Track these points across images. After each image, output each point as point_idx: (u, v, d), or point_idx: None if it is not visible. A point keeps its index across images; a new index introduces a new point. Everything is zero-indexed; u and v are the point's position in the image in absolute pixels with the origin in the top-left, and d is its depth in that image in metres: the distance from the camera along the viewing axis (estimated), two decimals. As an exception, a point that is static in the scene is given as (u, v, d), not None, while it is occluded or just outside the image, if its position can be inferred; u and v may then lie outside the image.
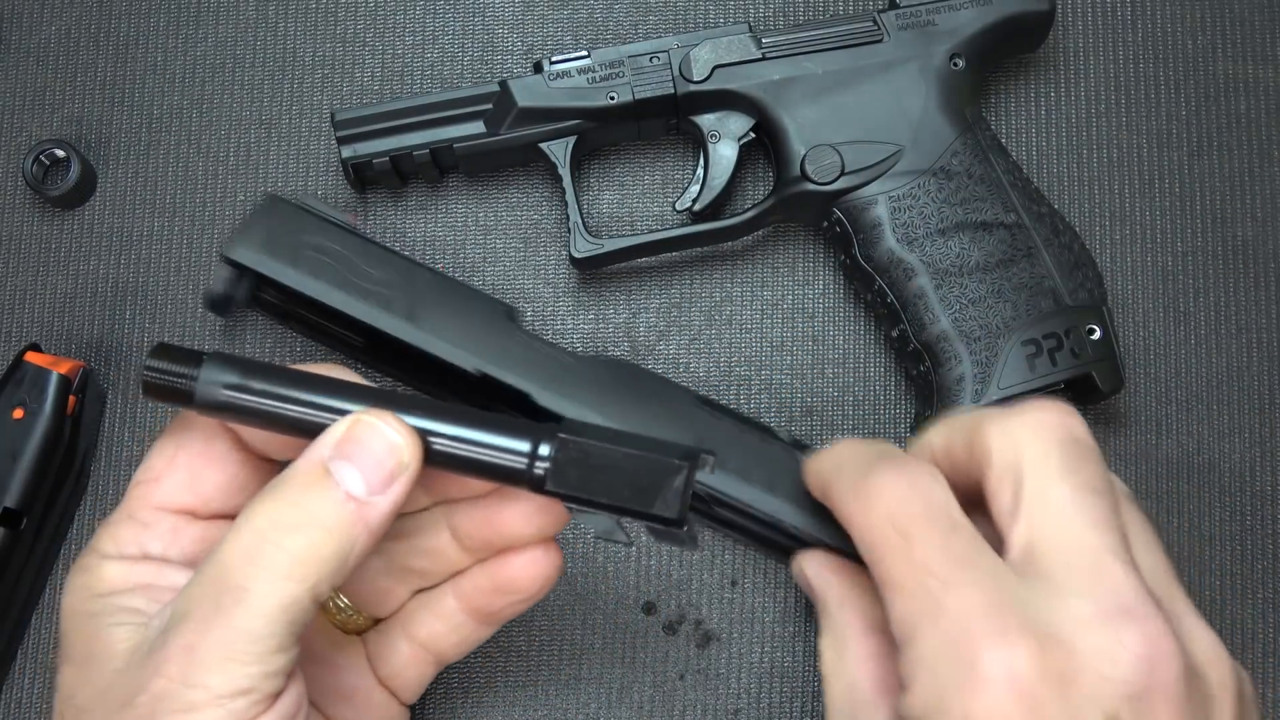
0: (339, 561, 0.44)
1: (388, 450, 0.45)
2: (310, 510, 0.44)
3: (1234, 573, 0.62)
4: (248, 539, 0.44)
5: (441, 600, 0.52)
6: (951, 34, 0.61)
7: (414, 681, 0.54)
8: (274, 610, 0.43)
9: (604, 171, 0.65)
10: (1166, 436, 0.63)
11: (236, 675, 0.42)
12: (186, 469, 0.48)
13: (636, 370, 0.59)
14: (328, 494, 0.44)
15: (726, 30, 0.61)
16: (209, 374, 0.46)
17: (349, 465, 0.45)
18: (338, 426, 0.45)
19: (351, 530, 0.44)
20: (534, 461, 0.45)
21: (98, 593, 0.46)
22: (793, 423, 0.63)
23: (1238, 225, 0.65)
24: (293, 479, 0.45)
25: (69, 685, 0.45)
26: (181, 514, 0.48)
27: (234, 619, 0.42)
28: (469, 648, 0.53)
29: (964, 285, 0.59)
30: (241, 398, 0.46)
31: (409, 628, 0.53)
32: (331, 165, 0.65)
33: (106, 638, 0.45)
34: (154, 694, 0.42)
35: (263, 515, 0.44)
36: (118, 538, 0.47)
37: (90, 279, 0.65)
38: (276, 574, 0.43)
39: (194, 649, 0.42)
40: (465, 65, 0.66)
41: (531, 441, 0.45)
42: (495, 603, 0.51)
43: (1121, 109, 0.66)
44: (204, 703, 0.42)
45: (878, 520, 0.44)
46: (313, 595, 0.43)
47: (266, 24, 0.66)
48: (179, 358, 0.47)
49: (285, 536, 0.43)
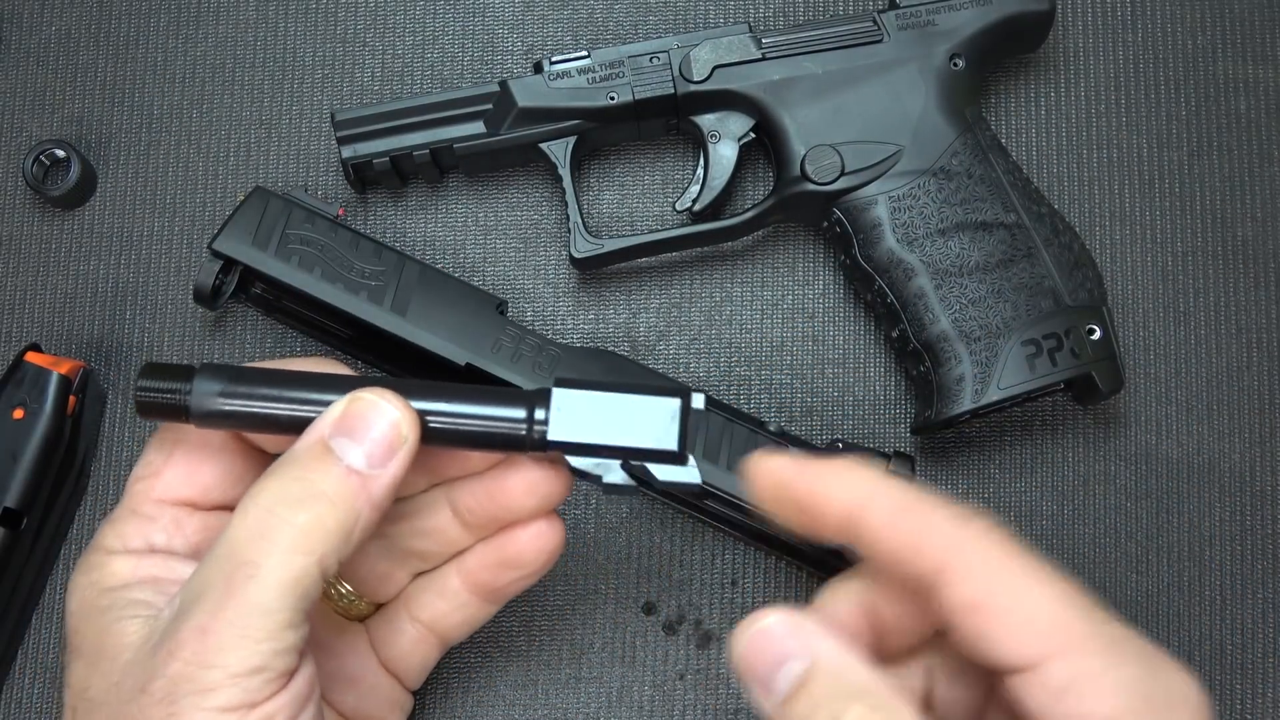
0: (344, 534, 0.44)
1: (387, 424, 0.46)
2: (314, 485, 0.44)
3: (1234, 573, 0.62)
4: (254, 516, 0.44)
5: (445, 580, 0.53)
6: (951, 34, 0.61)
7: (418, 665, 0.54)
8: (285, 584, 0.43)
9: (604, 171, 0.65)
10: (1166, 436, 0.63)
11: (250, 653, 0.42)
12: (185, 462, 0.49)
13: (624, 362, 0.59)
14: (330, 469, 0.45)
15: (726, 30, 0.61)
16: (202, 386, 0.46)
17: (349, 441, 0.45)
18: (336, 405, 0.46)
19: (355, 502, 0.45)
20: (532, 425, 0.46)
21: (106, 587, 0.47)
22: (793, 423, 0.63)
23: (1238, 225, 0.65)
24: (295, 458, 0.46)
25: (80, 680, 0.46)
26: (182, 505, 0.49)
27: (246, 595, 0.43)
28: (473, 628, 0.54)
29: (964, 285, 0.59)
30: (237, 405, 0.46)
31: (413, 609, 0.53)
32: (332, 165, 0.65)
33: (118, 630, 0.45)
34: (170, 677, 0.43)
35: (267, 493, 0.45)
36: (122, 533, 0.48)
37: (90, 279, 0.65)
38: (284, 548, 0.43)
39: (208, 630, 0.43)
40: (465, 65, 0.66)
41: (527, 406, 0.46)
42: (500, 578, 0.52)
43: (1121, 109, 0.66)
44: (220, 682, 0.42)
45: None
46: (320, 568, 0.44)
47: (267, 24, 0.66)
48: (170, 374, 0.47)
49: (291, 511, 0.44)
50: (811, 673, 0.41)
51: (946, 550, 0.42)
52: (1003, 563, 0.42)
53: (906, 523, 0.43)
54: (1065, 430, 0.63)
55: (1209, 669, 0.61)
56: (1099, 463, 0.63)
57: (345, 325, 0.60)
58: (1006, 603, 0.41)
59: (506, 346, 0.58)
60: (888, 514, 0.43)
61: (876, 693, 0.41)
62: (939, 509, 0.43)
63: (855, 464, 0.44)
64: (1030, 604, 0.41)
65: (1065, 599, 0.41)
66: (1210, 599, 0.62)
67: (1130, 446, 0.63)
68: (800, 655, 0.42)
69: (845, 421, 0.63)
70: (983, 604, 0.41)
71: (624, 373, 0.59)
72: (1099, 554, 0.62)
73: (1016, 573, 0.42)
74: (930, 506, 0.43)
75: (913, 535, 0.42)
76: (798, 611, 0.43)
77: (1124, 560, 0.62)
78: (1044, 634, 0.41)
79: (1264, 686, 0.61)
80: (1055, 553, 0.62)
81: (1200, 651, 0.62)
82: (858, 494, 0.43)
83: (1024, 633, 0.41)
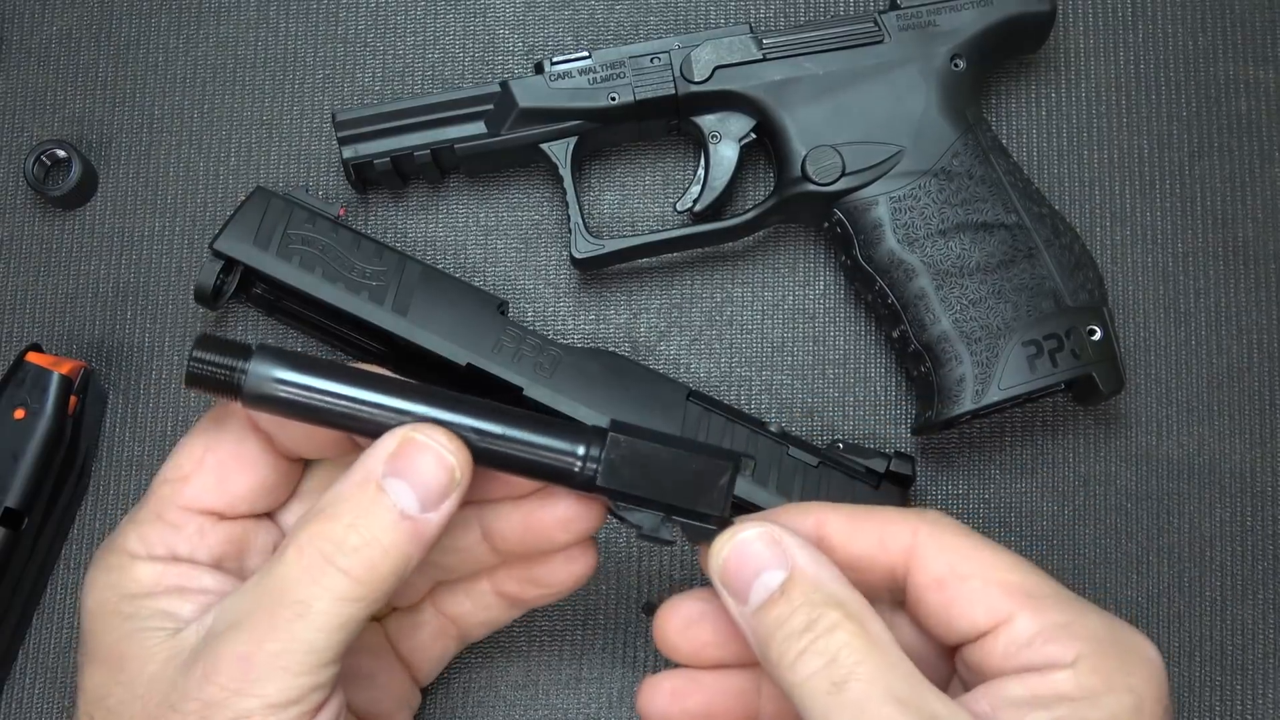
0: (395, 580, 0.45)
1: (440, 467, 0.45)
2: (367, 531, 0.44)
3: (1234, 573, 0.62)
4: (309, 557, 0.44)
5: (474, 581, 0.53)
6: (952, 35, 0.61)
7: (435, 658, 0.55)
8: (332, 627, 0.43)
9: (605, 172, 0.65)
10: (1167, 437, 0.63)
11: (289, 686, 0.43)
12: (216, 471, 0.48)
13: (626, 363, 0.59)
14: (383, 513, 0.45)
15: (728, 31, 0.61)
16: (259, 367, 0.45)
17: (402, 483, 0.45)
18: (389, 441, 0.45)
19: (407, 549, 0.45)
20: (586, 462, 0.46)
21: (130, 594, 0.46)
22: (794, 423, 0.63)
23: (1238, 226, 0.65)
24: (348, 497, 0.45)
25: (98, 687, 0.46)
26: (208, 515, 0.48)
27: (293, 631, 0.43)
28: (494, 628, 0.55)
29: (965, 286, 0.59)
30: (290, 392, 0.45)
31: (438, 602, 0.54)
32: (333, 166, 0.65)
33: (141, 641, 0.45)
34: (205, 700, 0.43)
35: (322, 536, 0.44)
36: (145, 538, 0.48)
37: (91, 279, 0.65)
38: (337, 595, 0.44)
39: (250, 658, 0.43)
40: (466, 66, 0.66)
41: (585, 443, 0.46)
42: (528, 592, 0.52)
43: (1122, 110, 0.66)
44: (255, 710, 0.43)
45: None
46: (368, 613, 0.44)
47: (268, 24, 0.67)
48: (228, 349, 0.46)
49: (346, 559, 0.44)
50: (790, 581, 0.44)
51: (908, 538, 0.45)
52: (961, 540, 0.45)
53: (865, 525, 0.46)
54: (1065, 431, 0.63)
55: (1209, 669, 0.61)
56: (1099, 463, 0.63)
57: (346, 325, 0.60)
58: (970, 570, 0.44)
59: (507, 347, 0.58)
60: (846, 524, 0.46)
61: (850, 602, 0.43)
62: (890, 510, 0.47)
63: (798, 504, 0.48)
64: (992, 570, 0.44)
65: (1023, 566, 0.45)
66: (1211, 599, 0.62)
67: (1131, 447, 0.63)
68: (779, 565, 0.44)
69: (846, 422, 0.63)
70: (947, 577, 0.44)
71: (625, 374, 0.59)
72: (1099, 554, 0.62)
73: (975, 547, 0.45)
74: (881, 510, 0.47)
75: (874, 534, 0.46)
76: (777, 524, 0.45)
77: (1124, 561, 0.62)
78: (1008, 594, 0.44)
79: (1264, 687, 0.61)
80: (1055, 553, 0.62)
81: (1201, 652, 0.62)
82: (814, 519, 0.46)
83: (990, 594, 0.44)
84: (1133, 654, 0.43)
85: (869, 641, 0.42)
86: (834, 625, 0.42)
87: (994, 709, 0.42)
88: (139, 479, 0.63)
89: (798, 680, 0.42)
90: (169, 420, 0.63)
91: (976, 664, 0.44)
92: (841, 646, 0.42)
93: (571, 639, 0.62)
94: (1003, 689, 0.43)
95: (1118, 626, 0.44)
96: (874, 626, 0.43)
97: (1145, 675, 0.43)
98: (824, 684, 0.41)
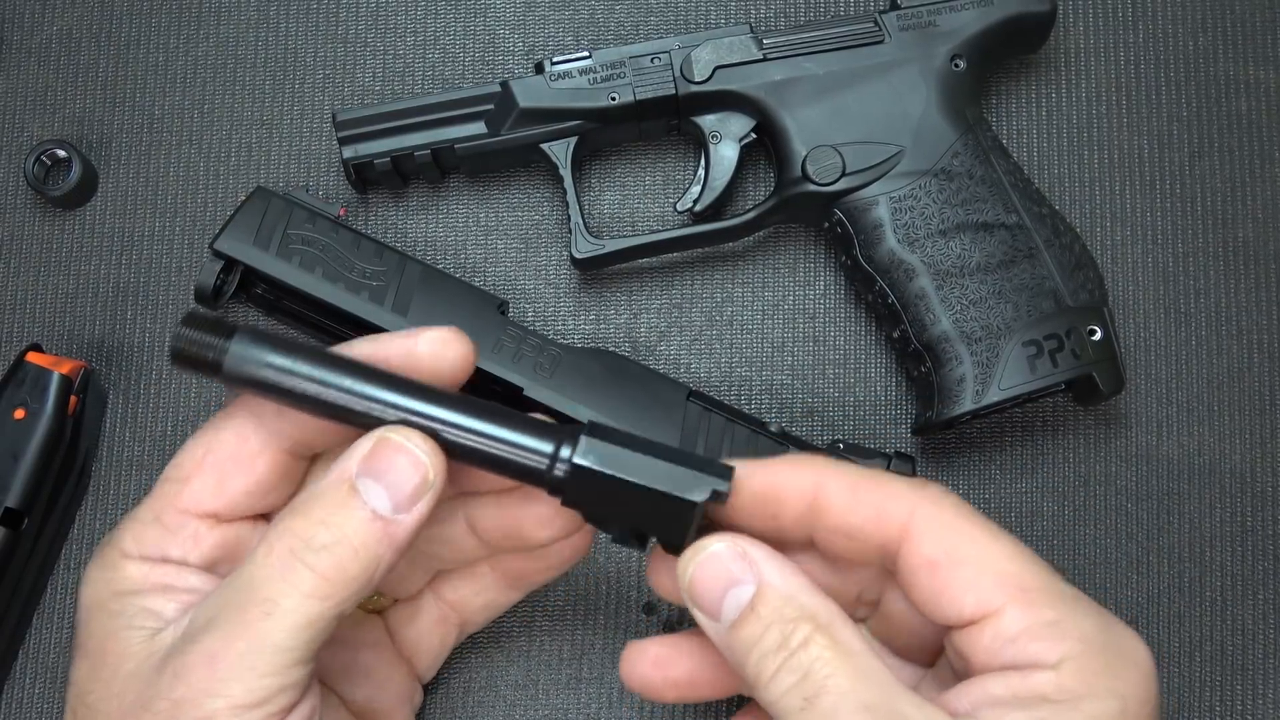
0: (365, 580, 0.45)
1: (413, 468, 0.45)
2: (338, 530, 0.44)
3: (1235, 573, 0.62)
4: (278, 555, 0.44)
5: (473, 563, 0.53)
6: (952, 35, 0.61)
7: (435, 649, 0.55)
8: (299, 625, 0.43)
9: (605, 172, 0.65)
10: (1167, 437, 0.63)
11: (255, 686, 0.43)
12: (215, 472, 0.48)
13: (626, 363, 0.59)
14: (355, 513, 0.45)
15: (728, 31, 0.61)
16: (240, 347, 0.46)
17: (375, 483, 0.45)
18: (364, 442, 0.45)
19: (377, 549, 0.45)
20: (554, 464, 0.45)
21: (119, 590, 0.46)
22: (794, 424, 0.63)
23: (1238, 226, 0.65)
24: (321, 495, 0.45)
25: (82, 682, 0.46)
26: (205, 518, 0.48)
27: (259, 630, 0.43)
28: (495, 613, 0.55)
29: (965, 286, 0.59)
30: (269, 374, 0.45)
31: (439, 589, 0.54)
32: (333, 166, 0.65)
33: (123, 638, 0.45)
34: (175, 700, 0.43)
35: (291, 533, 0.44)
36: (140, 538, 0.48)
37: (91, 279, 0.65)
38: (304, 592, 0.43)
39: (217, 657, 0.43)
40: (466, 66, 0.66)
41: (554, 443, 0.45)
42: (526, 569, 0.52)
43: (1122, 110, 0.66)
44: (221, 711, 0.42)
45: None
46: (337, 613, 0.44)
47: (268, 24, 0.67)
48: (211, 327, 0.46)
49: (315, 556, 0.44)
50: (759, 596, 0.43)
51: (907, 514, 0.44)
52: (960, 522, 0.44)
53: (865, 495, 0.45)
54: (1066, 431, 0.63)
55: (1210, 669, 0.61)
56: (1099, 463, 0.63)
57: (346, 325, 0.60)
58: (965, 556, 0.43)
59: (507, 347, 0.58)
60: (847, 490, 0.45)
61: (823, 614, 0.43)
62: (893, 479, 0.45)
63: (803, 456, 0.47)
64: (988, 558, 0.43)
65: (1021, 556, 0.44)
66: (1211, 600, 0.62)
67: (1131, 447, 0.63)
68: (748, 580, 0.43)
69: (846, 422, 0.63)
70: (942, 560, 0.43)
71: (625, 374, 0.59)
72: (1099, 555, 0.62)
73: (974, 530, 0.44)
74: (884, 478, 0.45)
75: (873, 506, 0.44)
76: (743, 537, 0.44)
77: (1125, 561, 0.62)
78: (1001, 585, 0.43)
79: (1264, 687, 0.61)
80: (1055, 553, 0.62)
81: (1201, 652, 0.62)
82: (813, 479, 0.45)
83: (982, 584, 0.43)
84: (1122, 656, 0.43)
85: (840, 653, 0.42)
86: (806, 640, 0.42)
87: (974, 707, 0.42)
88: (139, 479, 0.63)
89: (773, 698, 0.42)
90: (169, 420, 0.63)
91: (962, 651, 0.44)
92: (814, 660, 0.42)
93: (571, 639, 0.62)
94: (985, 686, 0.42)
95: (1110, 626, 0.44)
96: (845, 635, 0.43)
97: (1132, 679, 0.42)
98: (797, 700, 0.42)
